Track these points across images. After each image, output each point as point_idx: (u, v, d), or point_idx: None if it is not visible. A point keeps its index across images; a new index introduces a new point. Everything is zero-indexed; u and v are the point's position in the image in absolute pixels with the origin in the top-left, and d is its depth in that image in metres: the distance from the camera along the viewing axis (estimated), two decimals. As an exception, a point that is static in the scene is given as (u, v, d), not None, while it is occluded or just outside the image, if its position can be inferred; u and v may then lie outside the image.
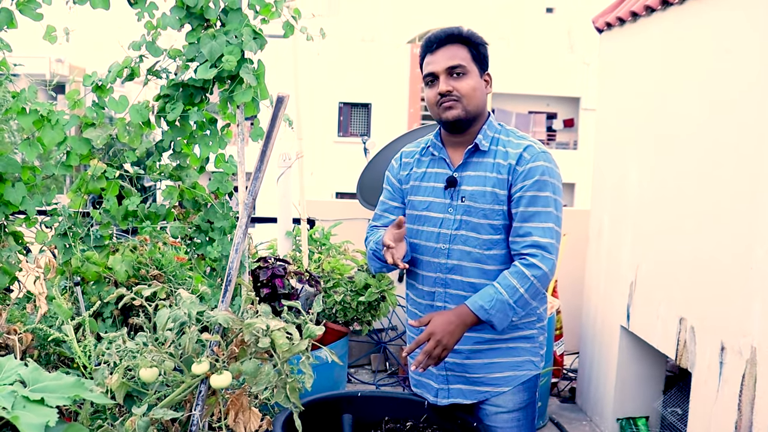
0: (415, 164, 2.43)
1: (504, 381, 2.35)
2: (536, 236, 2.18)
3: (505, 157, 2.25)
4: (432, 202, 2.35)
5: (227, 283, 1.99)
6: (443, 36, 2.28)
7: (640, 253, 4.32)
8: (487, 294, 2.17)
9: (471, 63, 2.27)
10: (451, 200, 2.30)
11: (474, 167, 2.29)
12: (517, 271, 2.18)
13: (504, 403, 2.35)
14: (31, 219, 2.90)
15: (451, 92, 2.24)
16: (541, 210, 2.20)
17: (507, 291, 2.16)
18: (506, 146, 2.27)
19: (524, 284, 2.16)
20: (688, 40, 3.85)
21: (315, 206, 5.77)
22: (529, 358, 2.38)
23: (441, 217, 2.32)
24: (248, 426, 1.97)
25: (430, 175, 2.38)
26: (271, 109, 2.63)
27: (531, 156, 2.23)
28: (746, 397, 3.17)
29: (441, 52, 2.27)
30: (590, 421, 4.95)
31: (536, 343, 2.40)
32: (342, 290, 4.39)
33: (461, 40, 2.27)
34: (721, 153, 3.47)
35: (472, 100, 2.26)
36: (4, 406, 1.44)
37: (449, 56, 2.26)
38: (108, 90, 2.85)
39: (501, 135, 2.32)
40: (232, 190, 3.02)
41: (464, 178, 2.29)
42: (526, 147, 2.25)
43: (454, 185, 2.30)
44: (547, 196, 2.21)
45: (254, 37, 2.73)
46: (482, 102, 2.30)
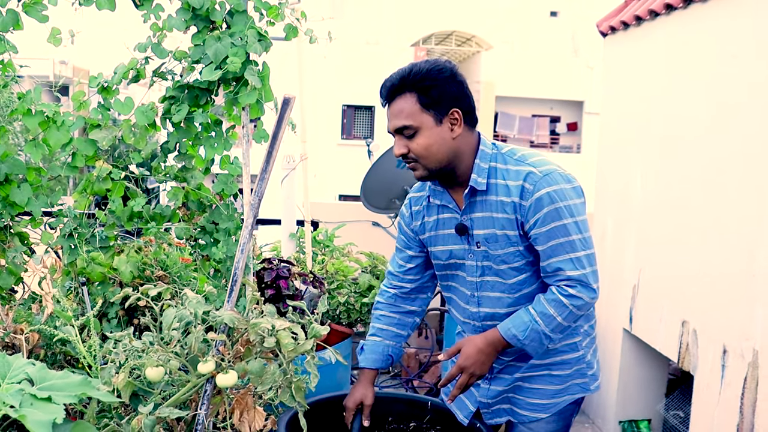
0: (425, 212, 2.24)
1: (543, 408, 2.24)
2: (567, 270, 2.01)
3: (507, 194, 2.03)
4: (452, 250, 2.19)
5: (233, 283, 2.00)
6: (387, 89, 2.04)
7: (643, 256, 4.33)
8: (521, 321, 2.05)
9: (421, 115, 1.99)
10: (469, 245, 2.14)
11: (480, 207, 2.09)
12: (555, 299, 2.03)
13: (536, 428, 2.24)
14: (37, 220, 2.91)
15: (407, 154, 2.03)
16: (563, 241, 2.00)
17: (543, 320, 2.03)
18: (505, 178, 2.04)
19: (562, 313, 2.03)
20: (693, 45, 3.86)
21: (319, 208, 5.78)
22: (573, 381, 2.24)
23: (464, 263, 2.18)
24: (253, 425, 1.98)
25: (443, 222, 2.19)
26: (275, 112, 2.64)
27: (533, 185, 1.99)
28: (748, 399, 3.17)
29: (390, 108, 2.04)
30: (593, 423, 4.96)
31: (582, 364, 2.25)
32: (346, 292, 4.40)
33: (407, 89, 2.00)
34: (725, 158, 3.47)
35: (431, 157, 2.02)
36: (12, 404, 1.45)
37: (396, 114, 2.02)
38: (113, 91, 2.87)
39: (498, 163, 2.07)
40: (237, 191, 3.04)
41: (474, 221, 2.11)
42: (525, 176, 2.01)
43: (466, 231, 2.12)
44: (564, 224, 1.99)
45: (259, 39, 2.74)
46: (448, 151, 2.03)
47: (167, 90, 2.90)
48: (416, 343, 5.45)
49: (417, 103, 1.99)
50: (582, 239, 2.02)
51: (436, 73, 2.00)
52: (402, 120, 2.00)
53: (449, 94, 2.01)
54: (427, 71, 1.99)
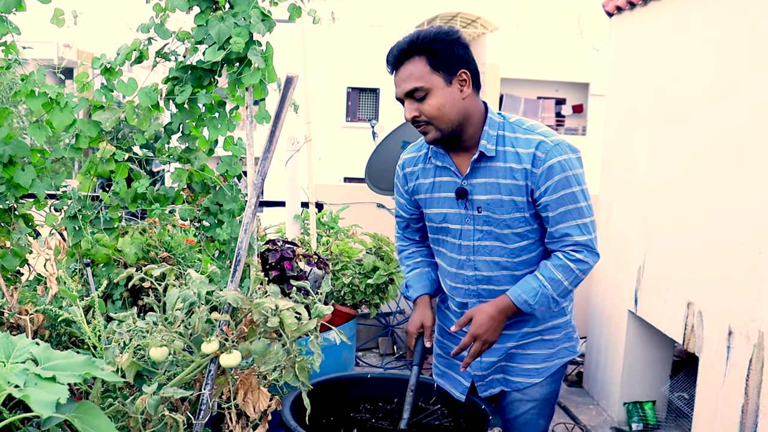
0: (420, 174, 2.28)
1: (536, 373, 2.31)
2: (575, 236, 2.09)
3: (517, 160, 2.07)
4: (447, 213, 2.22)
5: (236, 263, 2.00)
6: (395, 54, 2.06)
7: (649, 237, 4.32)
8: (530, 287, 2.12)
9: (431, 76, 2.02)
10: (467, 210, 2.18)
11: (484, 173, 2.12)
12: (562, 264, 2.11)
13: (531, 393, 2.32)
14: (41, 202, 2.91)
15: (418, 117, 2.06)
16: (571, 208, 2.07)
17: (551, 285, 2.11)
18: (515, 145, 2.08)
19: (569, 277, 2.12)
20: (699, 24, 3.83)
21: (323, 190, 5.78)
22: (562, 346, 2.33)
23: (460, 228, 2.21)
24: (257, 405, 1.98)
25: (440, 185, 2.23)
26: (278, 92, 2.63)
27: (545, 153, 2.04)
28: (753, 381, 3.17)
29: (399, 73, 2.06)
30: (597, 405, 4.97)
31: (569, 328, 2.35)
32: (350, 273, 4.41)
33: (416, 52, 2.03)
34: (730, 138, 3.46)
35: (443, 118, 2.05)
36: (16, 384, 1.46)
37: (405, 78, 2.04)
38: (117, 73, 2.85)
39: (506, 131, 2.12)
40: (240, 172, 3.03)
41: (475, 187, 2.14)
42: (537, 144, 2.05)
43: (465, 196, 2.16)
44: (573, 191, 2.06)
45: (262, 20, 2.72)
46: (459, 112, 2.07)
47: (170, 71, 2.88)
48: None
49: (427, 65, 2.02)
50: (588, 206, 2.11)
51: (443, 35, 2.03)
52: (413, 82, 2.03)
53: (457, 55, 2.04)
54: (435, 34, 2.03)
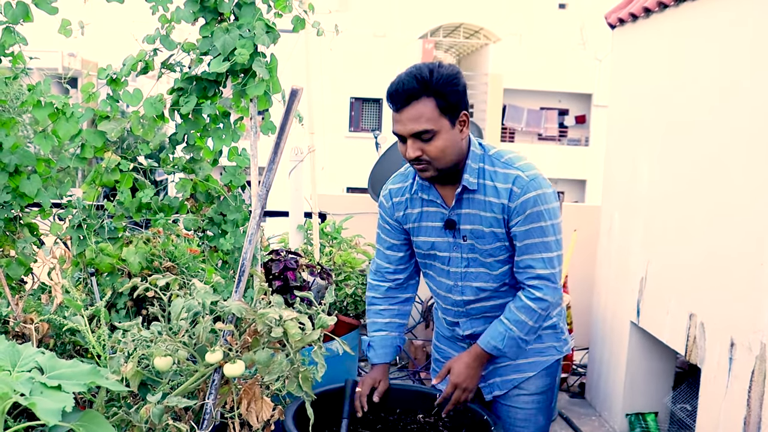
0: (408, 204, 2.32)
1: (529, 367, 2.41)
2: (537, 269, 2.18)
3: (495, 195, 2.14)
4: (435, 241, 2.30)
5: (240, 273, 2.01)
6: (404, 95, 2.02)
7: (651, 249, 4.33)
8: (497, 333, 2.24)
9: (439, 119, 2.04)
10: (454, 239, 2.26)
11: (468, 204, 2.20)
12: (524, 306, 2.21)
13: (527, 386, 2.42)
14: (46, 211, 2.93)
15: (421, 157, 2.07)
16: (538, 241, 2.15)
17: (517, 327, 2.23)
18: (494, 179, 2.15)
19: (532, 317, 2.22)
20: (701, 37, 3.85)
21: (326, 200, 5.79)
22: (551, 343, 2.43)
23: (448, 256, 2.31)
24: (260, 415, 1.99)
25: (427, 215, 2.29)
26: (282, 104, 2.65)
27: (521, 189, 2.11)
28: (755, 393, 3.17)
29: (405, 113, 2.04)
30: (599, 416, 4.96)
31: (558, 330, 2.44)
32: (353, 283, 4.42)
33: (426, 93, 2.02)
34: (732, 149, 3.47)
35: (444, 158, 2.09)
36: (22, 392, 1.47)
37: (413, 118, 2.02)
38: (122, 83, 2.88)
39: (486, 165, 2.17)
40: (245, 183, 3.05)
41: (461, 217, 2.22)
42: (514, 179, 2.12)
43: (454, 226, 2.24)
44: (541, 225, 2.14)
45: (267, 31, 2.75)
46: (458, 153, 2.12)
47: (176, 82, 2.90)
48: (423, 335, 5.47)
49: (436, 108, 2.03)
50: (555, 240, 2.17)
51: (453, 78, 2.04)
52: (423, 124, 2.03)
53: (461, 97, 2.07)
54: (447, 77, 2.02)
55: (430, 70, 2.02)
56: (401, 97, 2.03)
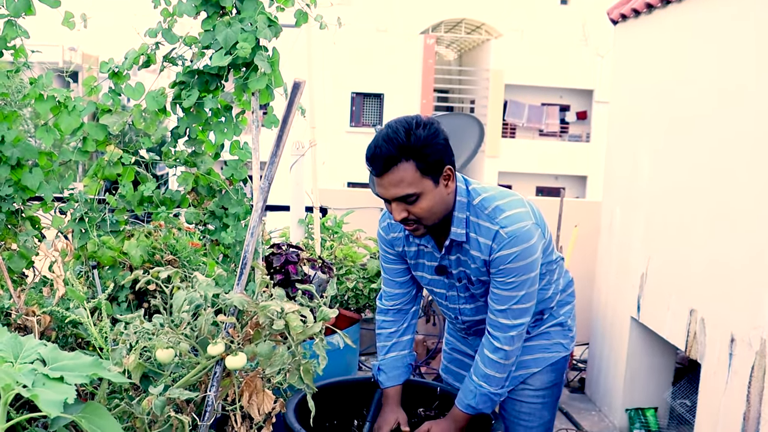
0: (405, 242, 2.32)
1: (534, 363, 2.44)
2: (500, 318, 2.18)
3: (479, 249, 2.15)
4: (432, 279, 2.34)
5: (242, 266, 2.01)
6: (382, 161, 1.96)
7: (652, 245, 4.33)
8: (469, 391, 2.26)
9: (421, 180, 1.98)
10: (449, 279, 2.30)
11: (456, 251, 2.21)
12: (489, 359, 2.22)
13: (533, 382, 2.44)
14: (48, 204, 2.93)
15: (407, 218, 2.05)
16: (506, 294, 2.16)
17: (485, 382, 2.24)
18: (478, 233, 2.14)
19: (498, 369, 2.22)
20: (703, 32, 3.84)
21: (327, 195, 5.79)
22: (559, 340, 2.46)
23: (445, 293, 2.36)
24: (261, 408, 2.00)
25: (423, 255, 2.30)
26: (284, 97, 2.65)
27: (499, 246, 2.10)
28: (755, 388, 3.18)
29: (385, 178, 1.98)
30: (599, 411, 4.97)
31: (566, 327, 2.48)
32: (354, 277, 4.42)
33: (405, 157, 1.95)
34: (734, 145, 3.47)
35: (432, 217, 2.06)
36: (24, 383, 1.47)
37: (394, 183, 1.98)
38: (124, 77, 2.88)
39: (471, 216, 2.15)
40: (246, 176, 3.05)
41: (452, 263, 2.24)
42: (494, 236, 2.10)
43: (445, 272, 2.27)
44: (513, 281, 2.13)
45: (269, 25, 2.75)
46: (445, 208, 2.10)
47: (177, 75, 2.91)
48: (424, 330, 5.47)
49: (417, 171, 1.97)
50: (525, 294, 2.16)
51: (432, 137, 1.97)
52: (405, 188, 1.98)
53: (442, 154, 2.01)
54: (425, 138, 1.96)
55: (407, 132, 1.95)
56: (379, 163, 1.97)
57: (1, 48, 2.72)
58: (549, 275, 2.34)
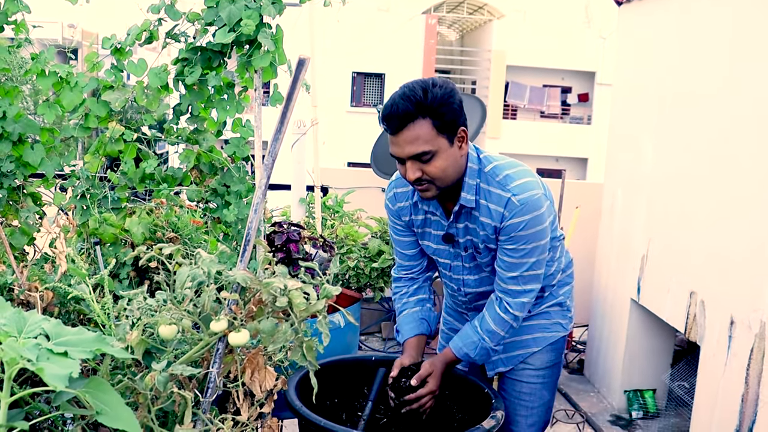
0: (412, 211, 2.33)
1: (534, 342, 2.45)
2: (511, 285, 2.21)
3: (489, 216, 2.15)
4: (437, 248, 2.35)
5: (245, 243, 2.01)
6: (401, 116, 1.96)
7: (653, 227, 4.33)
8: (471, 341, 2.29)
9: (437, 138, 1.99)
10: (455, 249, 2.31)
11: (465, 219, 2.21)
12: (498, 317, 2.24)
13: (533, 361, 2.45)
14: (50, 181, 2.93)
15: (421, 178, 2.05)
16: (517, 261, 2.17)
17: (489, 337, 2.27)
18: (488, 200, 2.14)
19: (504, 328, 2.26)
20: (709, 15, 3.82)
21: (328, 174, 5.79)
22: (558, 320, 2.48)
23: (450, 263, 2.37)
24: (263, 384, 2.00)
25: (430, 224, 2.31)
26: (287, 75, 2.64)
27: (510, 213, 2.10)
28: (754, 370, 3.19)
29: (402, 135, 1.99)
30: (598, 392, 4.99)
31: (564, 307, 2.49)
32: (355, 256, 4.43)
33: (422, 114, 1.96)
34: (737, 128, 3.46)
35: (446, 178, 2.07)
36: (29, 358, 1.47)
37: (410, 141, 1.98)
38: (127, 53, 2.86)
39: (482, 182, 2.15)
40: (248, 155, 3.04)
41: (460, 231, 2.25)
42: (506, 203, 2.10)
43: (452, 240, 2.28)
44: (524, 248, 2.14)
45: (273, 2, 2.73)
46: (458, 171, 2.11)
47: (180, 52, 2.89)
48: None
49: (433, 128, 1.98)
50: (535, 262, 2.19)
51: (448, 96, 1.98)
52: (421, 146, 1.99)
53: (458, 115, 2.02)
54: (442, 96, 1.97)
55: (424, 90, 1.97)
56: (396, 120, 1.97)
57: (2, 23, 2.70)
58: (552, 252, 2.34)
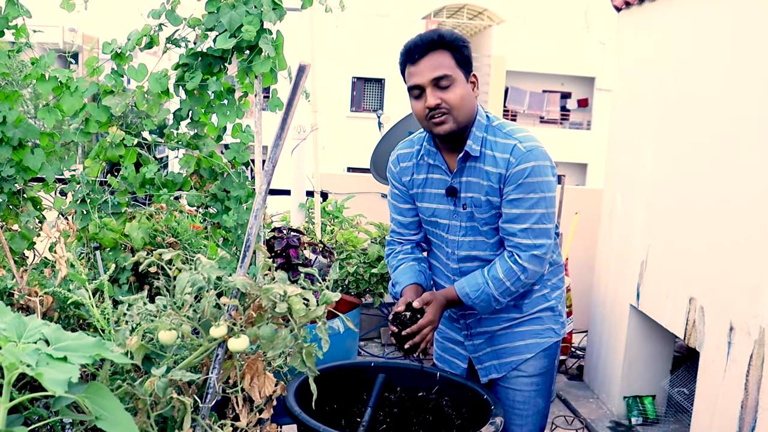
0: (415, 170, 2.39)
1: (527, 348, 2.44)
2: (520, 238, 2.22)
3: (494, 164, 2.20)
4: (437, 208, 2.37)
5: (245, 249, 2.01)
6: (424, 44, 2.14)
7: (652, 232, 4.33)
8: (475, 282, 2.29)
9: (456, 69, 2.15)
10: (455, 206, 2.33)
11: (469, 172, 2.27)
12: (508, 267, 2.25)
13: (526, 368, 2.45)
14: (50, 185, 2.93)
15: (440, 105, 2.14)
16: (524, 212, 2.20)
17: (494, 283, 2.27)
18: (494, 149, 2.21)
19: (511, 279, 2.26)
20: (708, 21, 3.83)
21: (328, 179, 5.79)
22: (550, 326, 2.47)
23: (447, 224, 2.37)
24: (263, 390, 2.00)
25: (431, 182, 2.36)
26: (288, 81, 2.64)
27: (517, 159, 2.17)
28: (753, 377, 3.19)
29: (424, 62, 2.14)
30: (597, 398, 4.99)
31: (556, 312, 2.48)
32: (355, 262, 4.43)
33: (443, 46, 2.14)
34: (737, 133, 3.46)
35: (463, 109, 2.17)
36: (28, 363, 1.47)
37: (433, 66, 2.13)
38: (127, 58, 2.87)
39: (488, 134, 2.24)
40: (248, 160, 3.05)
41: (462, 185, 2.29)
42: (512, 149, 2.18)
43: (455, 194, 2.31)
44: (533, 197, 2.18)
45: (273, 8, 2.73)
46: (472, 108, 2.22)
47: (181, 57, 2.89)
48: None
49: (452, 59, 2.15)
50: (545, 214, 2.22)
51: (463, 40, 2.18)
52: (443, 70, 2.13)
53: (471, 59, 2.21)
54: (459, 37, 2.17)
55: (443, 31, 2.17)
56: (420, 47, 2.14)
57: (2, 27, 2.71)
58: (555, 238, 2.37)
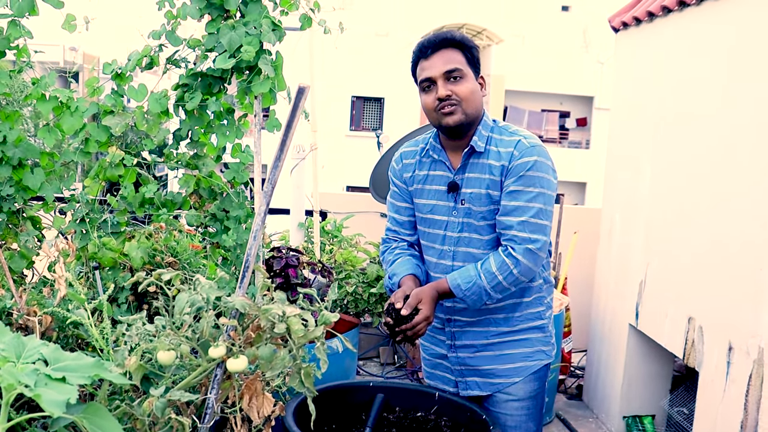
0: (417, 166, 2.45)
1: (515, 372, 2.41)
2: (516, 230, 2.23)
3: (497, 158, 2.27)
4: (435, 205, 2.40)
5: (245, 269, 2.02)
6: (438, 40, 2.26)
7: (651, 252, 4.34)
8: (468, 275, 2.28)
9: (467, 66, 2.26)
10: (455, 203, 2.35)
11: (472, 169, 2.32)
12: (501, 261, 2.24)
13: (515, 392, 2.42)
14: (49, 204, 2.93)
15: (451, 96, 2.24)
16: (522, 205, 2.23)
17: (486, 277, 2.25)
18: (498, 145, 2.29)
19: (503, 273, 2.24)
20: (705, 41, 3.86)
21: (327, 198, 5.80)
22: (540, 348, 2.44)
23: (445, 220, 2.38)
24: (261, 410, 2.00)
25: (433, 178, 2.41)
26: (287, 101, 2.66)
27: (520, 152, 2.24)
28: (753, 397, 3.18)
29: (436, 56, 2.25)
30: (596, 418, 4.97)
31: (547, 333, 2.46)
32: (354, 281, 4.43)
33: (455, 44, 2.26)
34: (734, 154, 3.48)
35: (471, 103, 2.26)
36: (27, 383, 1.47)
37: (445, 60, 2.24)
38: (127, 78, 2.89)
39: (494, 134, 2.32)
40: (248, 180, 3.06)
41: (464, 181, 2.33)
42: (516, 143, 2.26)
43: (456, 189, 2.34)
44: (532, 191, 2.23)
45: (273, 29, 2.76)
46: (480, 105, 2.31)
47: (180, 77, 2.91)
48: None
49: (464, 57, 2.27)
50: (542, 210, 2.24)
51: (473, 44, 2.30)
52: (455, 64, 2.24)
53: (480, 62, 2.32)
54: (470, 40, 2.29)
55: (455, 31, 2.30)
56: (434, 42, 2.25)
57: (4, 48, 2.73)
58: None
